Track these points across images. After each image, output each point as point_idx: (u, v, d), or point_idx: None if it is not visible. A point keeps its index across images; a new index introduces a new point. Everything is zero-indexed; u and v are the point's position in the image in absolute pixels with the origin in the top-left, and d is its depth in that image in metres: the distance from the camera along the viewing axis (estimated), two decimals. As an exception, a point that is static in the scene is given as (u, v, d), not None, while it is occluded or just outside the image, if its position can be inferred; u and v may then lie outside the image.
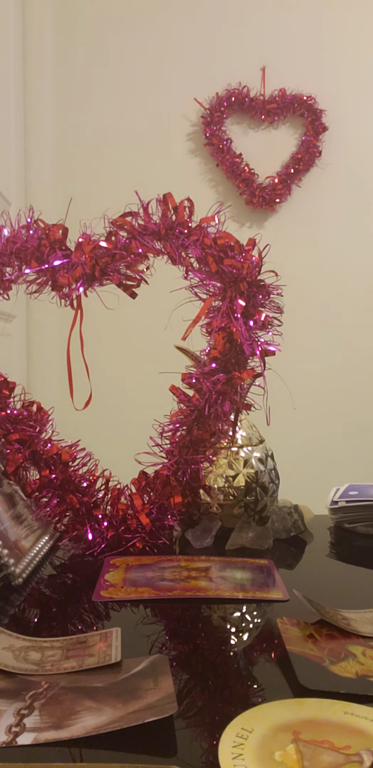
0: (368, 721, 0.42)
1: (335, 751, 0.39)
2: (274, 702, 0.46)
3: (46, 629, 0.61)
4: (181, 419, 0.86)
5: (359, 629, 0.58)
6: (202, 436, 0.85)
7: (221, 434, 0.86)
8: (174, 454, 0.86)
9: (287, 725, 0.42)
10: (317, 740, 0.40)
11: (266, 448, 0.97)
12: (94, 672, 0.50)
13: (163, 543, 0.86)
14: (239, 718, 0.44)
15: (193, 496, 0.87)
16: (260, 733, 0.42)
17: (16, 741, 0.41)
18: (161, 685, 0.46)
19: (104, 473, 0.88)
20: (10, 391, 0.86)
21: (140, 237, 0.80)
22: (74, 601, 0.70)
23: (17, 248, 0.81)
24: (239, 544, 0.86)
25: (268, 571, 0.76)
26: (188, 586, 0.70)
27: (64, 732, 0.41)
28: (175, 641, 0.59)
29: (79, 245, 0.81)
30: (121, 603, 0.67)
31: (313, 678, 0.49)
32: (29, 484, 0.85)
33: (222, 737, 0.41)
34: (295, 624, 0.59)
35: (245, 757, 0.39)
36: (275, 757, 0.39)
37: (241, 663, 0.55)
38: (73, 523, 0.85)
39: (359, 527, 0.95)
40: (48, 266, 0.81)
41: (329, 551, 0.89)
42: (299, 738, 0.41)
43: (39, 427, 0.86)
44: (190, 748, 0.41)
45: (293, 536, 0.91)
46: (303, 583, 0.73)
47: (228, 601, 0.67)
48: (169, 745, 0.42)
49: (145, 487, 0.87)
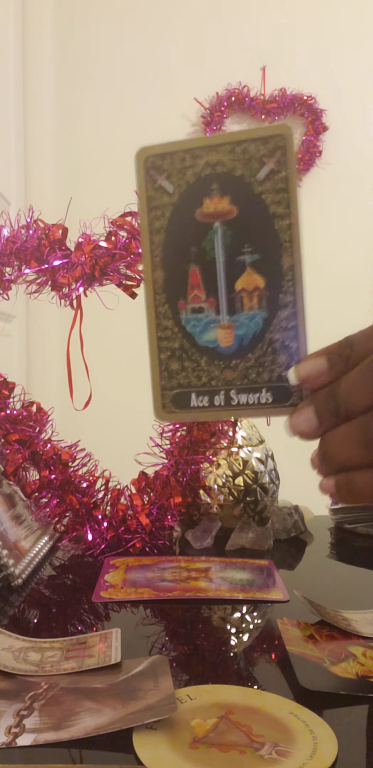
0: (301, 724, 0.43)
1: (247, 735, 0.41)
2: (235, 686, 0.48)
3: (46, 630, 0.61)
4: (181, 419, 0.86)
5: (360, 630, 0.58)
6: (202, 436, 0.85)
7: (220, 434, 0.86)
8: (174, 455, 0.85)
9: (226, 705, 0.45)
10: (240, 723, 0.43)
11: (266, 449, 0.96)
12: (94, 673, 0.50)
13: (163, 543, 0.85)
14: (196, 687, 0.48)
15: (193, 496, 0.87)
16: (197, 702, 0.45)
17: (16, 742, 0.40)
18: (161, 685, 0.46)
19: (104, 473, 0.88)
20: (9, 391, 0.86)
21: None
22: (74, 601, 0.70)
23: (17, 248, 0.81)
24: (239, 545, 0.86)
25: (268, 572, 0.76)
26: (188, 587, 0.70)
27: (64, 733, 0.41)
28: (175, 642, 0.59)
29: (79, 245, 0.80)
30: (121, 604, 0.67)
31: (313, 679, 0.49)
32: (29, 484, 0.85)
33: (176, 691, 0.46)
34: (295, 624, 0.59)
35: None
36: (191, 723, 0.42)
37: (241, 664, 0.54)
38: (73, 523, 0.85)
39: (360, 528, 0.95)
40: (48, 266, 0.81)
41: (330, 552, 0.89)
42: (226, 716, 0.43)
43: (39, 428, 0.86)
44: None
45: (293, 537, 0.91)
46: (303, 584, 0.73)
47: (228, 601, 0.67)
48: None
49: (145, 487, 0.87)
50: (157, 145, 0.39)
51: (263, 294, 0.38)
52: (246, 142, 0.38)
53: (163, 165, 0.39)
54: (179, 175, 0.39)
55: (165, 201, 0.39)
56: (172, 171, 0.39)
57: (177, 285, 0.39)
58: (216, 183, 0.38)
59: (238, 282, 0.38)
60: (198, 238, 0.39)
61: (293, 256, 0.38)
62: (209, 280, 0.39)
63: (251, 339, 0.39)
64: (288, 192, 0.38)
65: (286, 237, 0.38)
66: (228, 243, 0.38)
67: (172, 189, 0.39)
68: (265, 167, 0.38)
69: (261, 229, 0.38)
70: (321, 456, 0.37)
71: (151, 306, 0.40)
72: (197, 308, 0.39)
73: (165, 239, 0.39)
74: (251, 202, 0.38)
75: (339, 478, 0.37)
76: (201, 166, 0.38)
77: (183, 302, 0.39)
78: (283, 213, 0.38)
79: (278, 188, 0.38)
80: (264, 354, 0.39)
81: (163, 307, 0.39)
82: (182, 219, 0.39)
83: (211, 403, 0.39)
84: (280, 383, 0.38)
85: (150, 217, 0.39)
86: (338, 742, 0.40)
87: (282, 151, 0.37)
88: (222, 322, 0.39)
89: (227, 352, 0.39)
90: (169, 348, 0.40)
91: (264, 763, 0.38)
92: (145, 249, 0.40)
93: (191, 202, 0.39)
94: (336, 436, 0.36)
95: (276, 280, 0.38)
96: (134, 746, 0.40)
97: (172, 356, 0.40)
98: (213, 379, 0.39)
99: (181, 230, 0.39)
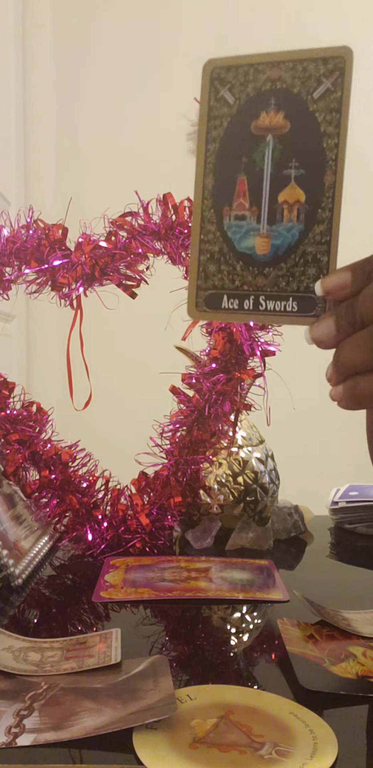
0: (301, 724, 0.43)
1: (247, 735, 0.41)
2: (235, 686, 0.48)
3: (46, 630, 0.61)
4: (181, 419, 0.86)
5: (360, 630, 0.58)
6: (202, 436, 0.85)
7: (221, 434, 0.86)
8: (174, 455, 0.85)
9: (226, 705, 0.45)
10: (241, 723, 0.43)
11: (266, 449, 0.96)
12: (94, 673, 0.50)
13: (163, 543, 0.85)
14: (196, 687, 0.48)
15: (193, 496, 0.87)
16: (197, 702, 0.45)
17: (16, 742, 0.40)
18: (161, 685, 0.46)
19: (104, 474, 0.88)
20: (9, 391, 0.86)
21: (140, 237, 0.80)
22: (74, 601, 0.70)
23: (17, 248, 0.81)
24: (239, 545, 0.86)
25: (268, 572, 0.76)
26: (188, 587, 0.70)
27: (64, 733, 0.41)
28: (175, 642, 0.59)
29: (79, 245, 0.81)
30: (121, 604, 0.67)
31: (313, 679, 0.49)
32: (29, 484, 0.85)
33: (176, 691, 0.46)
34: (295, 625, 0.59)
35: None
36: (191, 723, 0.42)
37: (241, 664, 0.54)
38: (73, 523, 0.85)
39: (360, 528, 0.95)
40: (48, 266, 0.81)
41: (330, 552, 0.89)
42: (226, 716, 0.43)
43: (39, 428, 0.86)
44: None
45: (293, 537, 0.91)
46: (303, 584, 0.73)
47: (228, 601, 0.67)
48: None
49: (145, 487, 0.87)
50: (224, 57, 0.41)
51: (302, 208, 0.40)
52: (307, 60, 0.40)
53: (227, 77, 0.41)
54: (241, 88, 0.41)
55: (224, 111, 0.41)
56: (235, 83, 0.41)
57: (225, 192, 0.41)
58: (274, 98, 0.40)
59: (281, 194, 0.40)
60: (250, 149, 0.41)
61: (336, 174, 0.40)
62: (254, 190, 0.41)
63: (286, 249, 0.41)
64: (340, 113, 0.40)
65: (332, 155, 0.40)
66: (277, 156, 0.40)
67: (232, 100, 0.41)
68: (321, 86, 0.40)
69: (309, 145, 0.40)
70: (334, 362, 0.40)
71: (198, 209, 0.42)
72: (241, 215, 0.41)
73: (219, 148, 0.41)
74: (304, 118, 0.40)
75: (347, 384, 0.40)
76: (262, 81, 0.40)
77: (228, 209, 0.41)
78: (332, 132, 0.40)
79: (331, 107, 0.40)
80: (296, 264, 0.40)
81: (209, 212, 0.42)
82: (238, 130, 0.41)
83: (240, 306, 0.42)
84: (307, 293, 0.40)
85: (209, 125, 0.41)
86: (338, 742, 0.40)
87: (340, 71, 0.40)
88: (261, 230, 0.41)
89: (263, 259, 0.41)
90: (209, 251, 0.42)
91: (264, 763, 0.38)
92: (200, 155, 0.42)
93: (248, 115, 0.41)
94: (349, 343, 0.39)
95: (316, 196, 0.40)
96: (134, 746, 0.40)
97: (211, 258, 0.42)
98: (245, 284, 0.41)
99: (236, 140, 0.41)
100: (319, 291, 0.40)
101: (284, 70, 0.40)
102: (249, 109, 0.40)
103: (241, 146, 0.41)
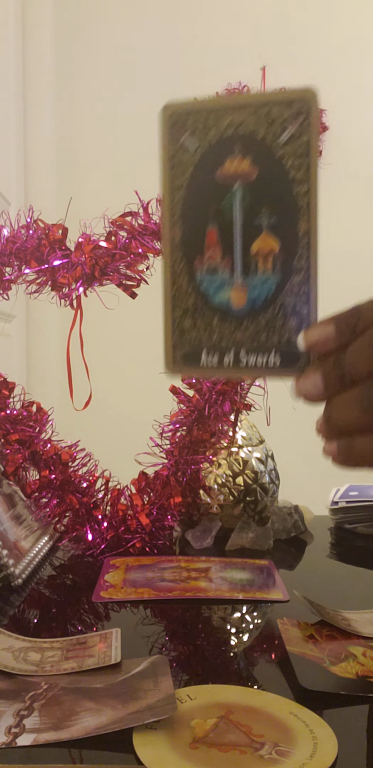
0: (301, 724, 0.43)
1: (247, 735, 0.41)
2: (235, 686, 0.48)
3: (46, 630, 0.61)
4: (181, 419, 0.86)
5: (360, 630, 0.58)
6: (202, 436, 0.85)
7: (220, 434, 0.86)
8: (174, 455, 0.85)
9: (226, 705, 0.45)
10: (240, 722, 0.43)
11: (266, 449, 0.96)
12: (94, 673, 0.50)
13: (163, 543, 0.85)
14: (196, 687, 0.48)
15: (193, 496, 0.87)
16: (197, 702, 0.45)
17: (16, 742, 0.40)
18: (161, 685, 0.46)
19: (104, 473, 0.88)
20: (9, 391, 0.86)
21: (140, 237, 0.80)
22: (74, 601, 0.70)
23: (17, 248, 0.81)
24: (239, 545, 0.86)
25: (268, 572, 0.76)
26: (188, 587, 0.70)
27: (64, 733, 0.41)
28: (175, 642, 0.59)
29: (79, 245, 0.80)
30: (121, 604, 0.67)
31: (313, 679, 0.49)
32: (29, 484, 0.85)
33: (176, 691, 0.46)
34: (295, 624, 0.59)
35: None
36: (191, 723, 0.42)
37: (241, 664, 0.54)
38: (73, 523, 0.85)
39: (360, 528, 0.95)
40: (48, 266, 0.81)
41: (330, 552, 0.89)
42: (226, 716, 0.43)
43: (39, 428, 0.86)
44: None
45: (293, 537, 0.91)
46: (303, 584, 0.73)
47: (228, 601, 0.67)
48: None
49: (145, 487, 0.87)
50: (181, 102, 0.39)
51: (277, 257, 0.39)
52: (270, 104, 0.38)
53: (187, 122, 0.39)
54: (202, 134, 0.39)
55: (187, 159, 0.39)
56: (195, 129, 0.39)
57: (194, 243, 0.39)
58: (238, 144, 0.38)
59: (254, 244, 0.39)
60: (218, 198, 0.39)
61: (310, 221, 0.39)
62: (225, 241, 0.39)
63: (263, 301, 0.39)
64: (309, 157, 0.38)
65: (303, 202, 0.38)
66: (247, 205, 0.38)
67: (194, 147, 0.39)
68: (287, 131, 0.38)
69: (279, 192, 0.38)
70: (325, 419, 0.38)
71: (167, 263, 0.40)
72: (213, 268, 0.39)
73: (185, 197, 0.39)
74: (271, 165, 0.38)
75: (341, 442, 0.38)
76: (224, 126, 0.38)
77: (199, 261, 0.39)
78: (302, 178, 0.38)
79: (298, 153, 0.38)
80: (275, 317, 0.39)
81: (179, 265, 0.40)
82: (203, 178, 0.39)
83: (220, 362, 0.40)
84: (289, 347, 0.39)
85: (171, 174, 0.39)
86: (338, 742, 0.40)
87: (305, 115, 0.38)
88: (236, 283, 0.39)
89: (239, 313, 0.39)
90: (182, 306, 0.40)
91: (264, 763, 0.38)
92: (165, 206, 0.40)
93: (212, 162, 0.39)
94: (340, 401, 0.37)
95: (291, 245, 0.38)
96: (134, 746, 0.40)
97: (185, 314, 0.40)
98: (223, 339, 0.40)
99: (202, 189, 0.39)
100: (302, 345, 0.38)
101: (246, 114, 0.38)
102: (213, 156, 0.38)
103: (208, 195, 0.39)
